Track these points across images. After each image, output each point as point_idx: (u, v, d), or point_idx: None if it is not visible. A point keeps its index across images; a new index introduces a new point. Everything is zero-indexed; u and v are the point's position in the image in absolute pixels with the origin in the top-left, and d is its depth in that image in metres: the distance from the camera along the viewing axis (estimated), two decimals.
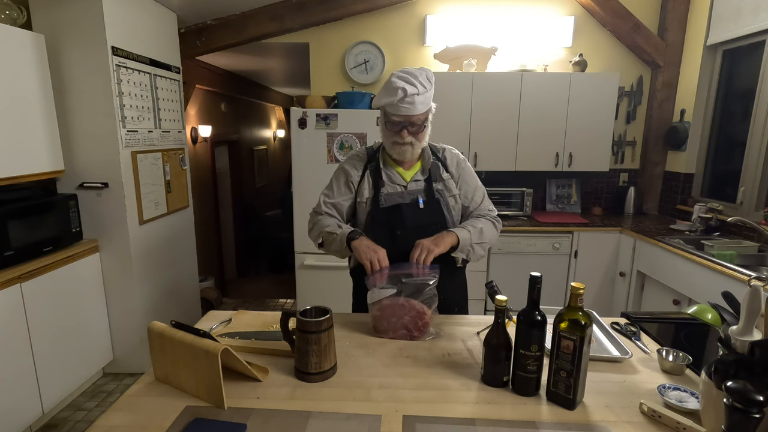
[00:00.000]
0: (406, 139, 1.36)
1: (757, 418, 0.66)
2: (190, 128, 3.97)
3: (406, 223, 1.40)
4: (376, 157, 1.48)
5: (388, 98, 1.32)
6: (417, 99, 1.31)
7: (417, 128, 1.36)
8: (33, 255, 2.16)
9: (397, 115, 1.34)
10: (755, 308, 0.82)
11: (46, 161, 2.29)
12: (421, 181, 1.45)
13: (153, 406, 0.96)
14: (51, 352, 2.23)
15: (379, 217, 1.43)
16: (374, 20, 3.38)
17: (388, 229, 1.41)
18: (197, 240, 3.39)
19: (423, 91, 1.32)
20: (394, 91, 1.31)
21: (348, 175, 1.49)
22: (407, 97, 1.30)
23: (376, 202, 1.43)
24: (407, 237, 1.37)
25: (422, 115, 1.36)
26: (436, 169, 1.46)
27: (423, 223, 1.41)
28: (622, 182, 3.63)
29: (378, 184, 1.44)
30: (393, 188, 1.44)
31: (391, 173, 1.46)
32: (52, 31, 2.31)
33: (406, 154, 1.39)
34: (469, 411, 0.94)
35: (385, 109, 1.37)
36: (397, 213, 1.41)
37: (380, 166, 1.46)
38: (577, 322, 0.91)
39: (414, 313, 1.25)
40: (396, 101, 1.31)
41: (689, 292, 2.37)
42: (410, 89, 1.30)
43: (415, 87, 1.31)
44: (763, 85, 2.64)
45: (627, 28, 3.27)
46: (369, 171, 1.47)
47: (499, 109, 3.15)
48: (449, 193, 1.45)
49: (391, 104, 1.33)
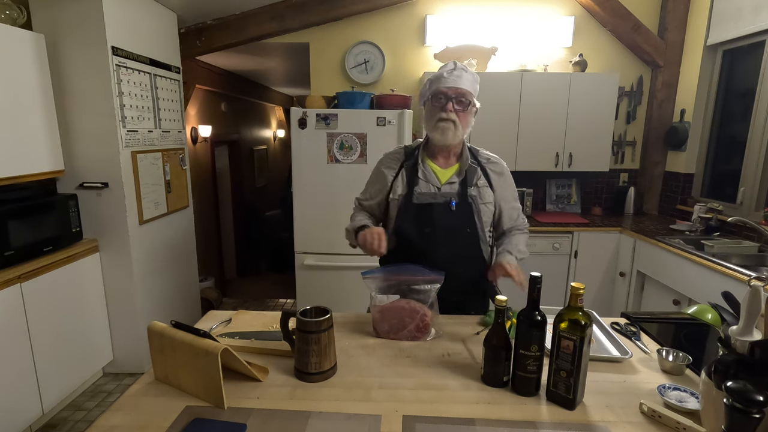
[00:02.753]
0: (450, 115, 1.37)
1: (757, 418, 0.66)
2: (190, 128, 3.97)
3: (436, 222, 1.41)
4: (415, 155, 1.49)
5: (438, 74, 1.39)
6: (464, 74, 1.38)
7: (462, 106, 1.38)
8: (33, 255, 2.16)
9: (447, 87, 1.37)
10: (755, 308, 0.82)
11: (46, 161, 2.29)
12: (455, 184, 1.45)
13: (153, 406, 0.96)
14: (51, 352, 2.22)
15: (409, 213, 1.44)
16: (374, 20, 3.38)
17: (417, 226, 1.43)
18: (197, 240, 3.39)
19: (471, 73, 1.40)
20: (443, 67, 1.39)
21: (381, 177, 1.52)
22: (456, 70, 1.37)
23: (409, 199, 1.44)
24: (435, 236, 1.41)
25: (468, 94, 1.38)
26: (472, 174, 1.45)
27: (452, 225, 1.41)
28: (622, 182, 3.63)
29: (413, 181, 1.45)
30: (427, 188, 1.45)
31: (428, 172, 1.46)
32: (52, 31, 2.31)
33: (448, 132, 1.39)
34: (469, 411, 0.94)
35: (431, 89, 1.40)
36: (428, 211, 1.42)
37: (418, 163, 1.47)
38: (577, 322, 0.91)
39: (415, 313, 1.25)
40: (445, 72, 1.37)
41: (689, 292, 2.37)
42: (459, 65, 1.39)
43: (464, 67, 1.39)
44: (763, 85, 2.64)
45: (627, 28, 3.27)
46: (405, 168, 1.48)
47: (499, 109, 3.15)
48: (482, 201, 1.45)
49: (439, 78, 1.38)
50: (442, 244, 1.40)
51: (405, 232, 1.43)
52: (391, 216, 1.49)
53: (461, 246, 1.42)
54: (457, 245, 1.42)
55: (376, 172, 1.54)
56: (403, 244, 1.43)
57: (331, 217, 2.84)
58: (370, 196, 1.56)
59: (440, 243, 1.40)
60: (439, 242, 1.40)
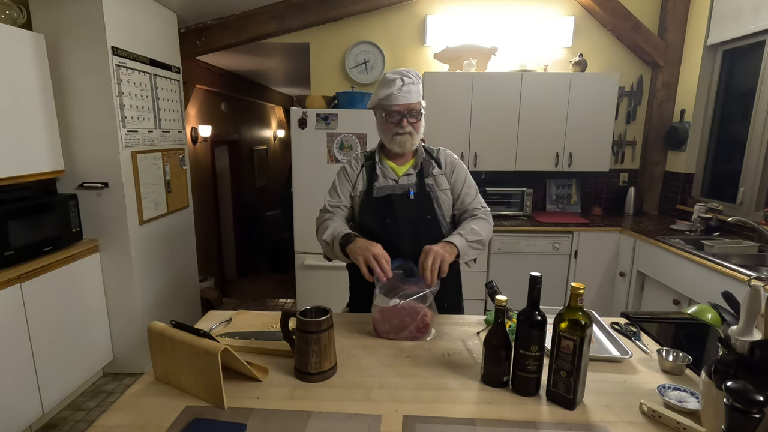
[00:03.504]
0: (406, 128, 1.43)
1: (757, 418, 0.66)
2: (190, 128, 3.97)
3: (396, 212, 1.46)
4: (373, 156, 1.56)
5: (387, 90, 1.41)
6: (412, 88, 1.42)
7: (415, 118, 1.44)
8: (33, 255, 2.16)
9: (398, 105, 1.41)
10: (755, 308, 0.82)
11: (46, 161, 2.29)
12: (412, 175, 1.51)
13: (153, 406, 0.96)
14: (51, 352, 2.22)
15: (370, 207, 1.49)
16: (374, 20, 3.38)
17: (378, 218, 1.47)
18: (197, 240, 3.39)
19: (416, 81, 1.43)
20: (390, 82, 1.40)
21: (347, 173, 1.57)
22: (404, 86, 1.40)
23: (369, 194, 1.49)
24: (397, 226, 1.45)
25: (418, 105, 1.44)
26: (427, 165, 1.52)
27: (413, 214, 1.46)
28: (622, 182, 3.63)
29: (372, 178, 1.51)
30: (386, 182, 1.51)
31: (385, 169, 1.52)
32: (52, 31, 2.31)
33: (406, 144, 1.45)
34: (469, 411, 0.94)
35: (383, 104, 1.44)
36: (387, 203, 1.47)
37: (376, 162, 1.53)
38: (577, 322, 0.91)
39: (415, 314, 1.25)
40: (394, 91, 1.40)
41: (689, 292, 2.37)
42: (406, 80, 1.41)
43: (410, 77, 1.41)
44: (763, 85, 2.64)
45: (627, 28, 3.27)
46: (365, 168, 1.55)
47: (499, 109, 3.15)
48: (439, 188, 1.50)
49: (389, 96, 1.40)
50: (404, 234, 1.44)
51: (367, 226, 1.47)
52: (355, 213, 1.56)
53: (423, 235, 1.43)
54: (419, 234, 1.44)
55: (340, 174, 1.58)
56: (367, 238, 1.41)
57: None
58: (340, 196, 1.55)
59: (402, 233, 1.44)
60: (401, 232, 1.44)
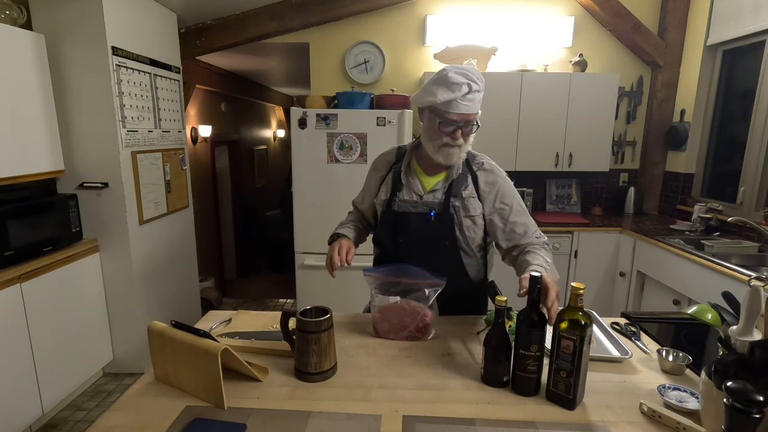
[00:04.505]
0: (458, 141, 1.24)
1: (757, 418, 0.66)
2: (190, 128, 3.97)
3: (411, 232, 1.35)
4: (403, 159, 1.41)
5: (449, 94, 1.18)
6: (477, 96, 1.21)
7: (470, 129, 1.26)
8: (33, 255, 2.16)
9: (457, 114, 1.21)
10: (755, 308, 0.82)
11: (46, 161, 2.29)
12: (439, 191, 1.34)
13: (153, 406, 0.96)
14: (51, 351, 2.22)
15: (388, 220, 1.38)
16: (374, 20, 3.38)
17: (392, 235, 1.39)
18: (197, 240, 3.39)
19: (482, 89, 1.23)
20: (456, 86, 1.18)
21: (371, 179, 1.50)
22: (470, 94, 1.19)
23: (390, 206, 1.38)
24: (410, 246, 1.35)
25: (477, 116, 1.25)
26: (459, 183, 1.33)
27: (429, 236, 1.34)
28: (622, 182, 3.63)
29: (396, 186, 1.37)
30: (409, 195, 1.37)
31: (412, 180, 1.37)
32: (52, 31, 2.30)
33: (453, 157, 1.27)
34: (469, 411, 0.94)
35: (439, 109, 1.22)
36: (405, 220, 1.35)
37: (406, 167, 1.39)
38: (577, 322, 0.91)
39: (415, 314, 1.25)
40: (459, 97, 1.18)
41: (689, 292, 2.37)
42: (473, 86, 1.19)
43: (477, 84, 1.20)
44: (763, 85, 2.64)
45: (627, 28, 3.27)
46: (393, 172, 1.40)
47: (499, 109, 3.15)
48: (466, 213, 1.32)
49: (450, 102, 1.19)
50: (417, 256, 1.31)
51: (381, 240, 1.41)
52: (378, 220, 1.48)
53: (438, 259, 1.32)
54: (433, 258, 1.32)
55: (369, 174, 1.52)
56: (382, 251, 1.42)
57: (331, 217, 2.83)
58: (362, 199, 1.55)
59: (414, 254, 1.32)
60: (413, 254, 1.33)
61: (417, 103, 1.30)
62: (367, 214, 1.55)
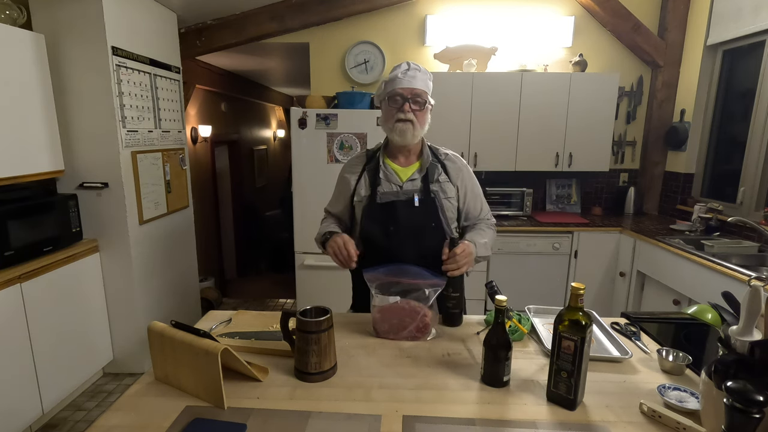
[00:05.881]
0: (408, 115, 1.38)
1: (757, 418, 0.66)
2: (190, 128, 3.97)
3: (400, 219, 1.42)
4: (376, 157, 1.51)
5: (392, 75, 1.40)
6: (418, 75, 1.39)
7: (419, 106, 1.40)
8: (33, 255, 2.16)
9: (401, 87, 1.39)
10: (755, 308, 0.82)
11: (46, 161, 2.29)
12: (417, 180, 1.46)
13: (153, 406, 0.96)
14: (51, 352, 2.22)
15: (373, 213, 1.44)
16: (374, 20, 3.38)
17: (381, 226, 1.43)
18: (197, 240, 3.39)
19: (423, 71, 1.41)
20: (397, 68, 1.41)
21: (345, 182, 1.53)
22: (410, 71, 1.39)
23: (373, 199, 1.45)
24: (400, 234, 1.41)
25: (423, 94, 1.40)
26: (433, 170, 1.47)
27: (417, 221, 1.42)
28: (622, 182, 3.63)
29: (375, 182, 1.46)
30: (389, 187, 1.46)
31: (389, 172, 1.47)
32: (52, 31, 2.31)
33: (407, 133, 1.40)
34: (469, 411, 0.94)
35: (387, 90, 1.42)
36: (391, 210, 1.43)
37: (379, 164, 1.48)
38: (578, 322, 0.91)
39: (415, 314, 1.25)
40: (399, 73, 1.39)
41: (689, 292, 2.37)
42: (412, 65, 1.41)
43: (417, 66, 1.41)
44: (763, 85, 2.64)
45: (627, 28, 3.27)
46: (367, 171, 1.49)
47: (499, 109, 3.15)
48: (444, 195, 1.46)
49: (394, 79, 1.40)
50: (408, 241, 1.41)
51: (371, 233, 1.44)
52: (357, 219, 1.51)
53: (427, 243, 1.41)
54: (423, 242, 1.41)
55: (340, 179, 1.56)
56: (369, 245, 1.43)
57: None
58: (336, 202, 1.57)
59: (406, 241, 1.41)
60: (404, 240, 1.41)
61: (378, 102, 1.49)
62: (343, 216, 1.56)
